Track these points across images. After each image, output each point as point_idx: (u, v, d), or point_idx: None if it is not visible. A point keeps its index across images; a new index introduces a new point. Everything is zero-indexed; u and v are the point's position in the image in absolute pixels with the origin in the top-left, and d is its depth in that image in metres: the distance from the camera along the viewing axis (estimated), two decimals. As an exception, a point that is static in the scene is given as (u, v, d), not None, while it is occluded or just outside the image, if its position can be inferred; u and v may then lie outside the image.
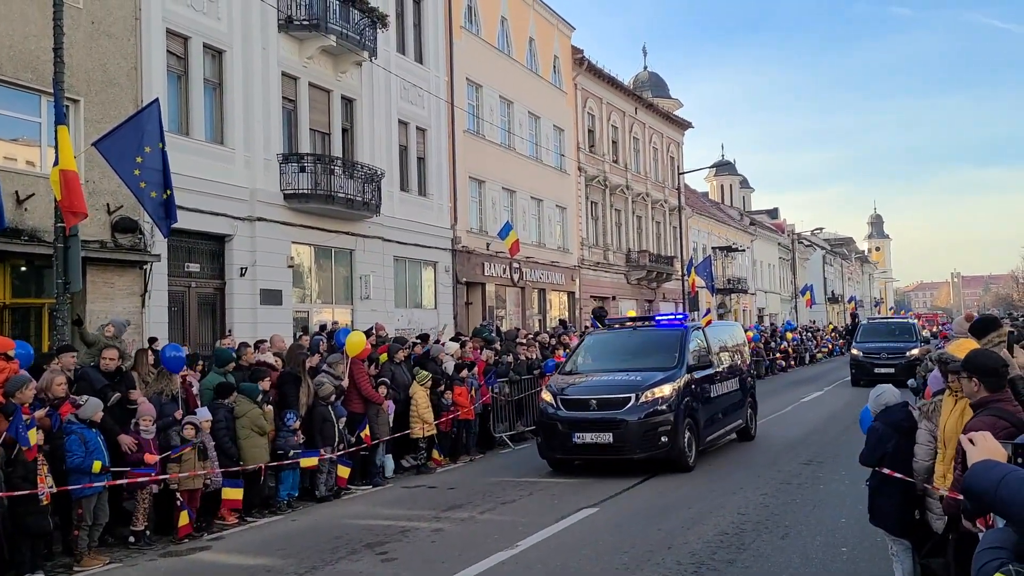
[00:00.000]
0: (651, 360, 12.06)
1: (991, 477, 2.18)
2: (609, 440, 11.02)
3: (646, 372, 11.62)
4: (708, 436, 12.28)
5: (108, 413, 8.51)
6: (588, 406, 11.33)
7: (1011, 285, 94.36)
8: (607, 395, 11.36)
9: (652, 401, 11.13)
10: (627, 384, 11.42)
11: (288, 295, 18.47)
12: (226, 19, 17.47)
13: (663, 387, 11.30)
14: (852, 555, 7.25)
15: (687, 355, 12.01)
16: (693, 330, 13.01)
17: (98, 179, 14.00)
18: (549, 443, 11.59)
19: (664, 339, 12.75)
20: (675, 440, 11.08)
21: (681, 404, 11.36)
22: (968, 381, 4.25)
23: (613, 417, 11.04)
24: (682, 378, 11.62)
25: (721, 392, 13.00)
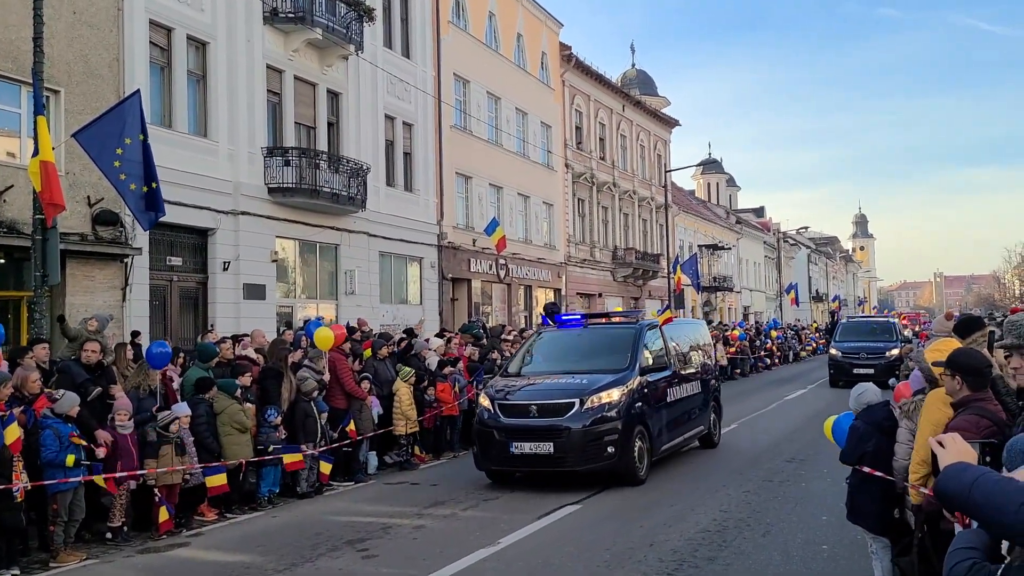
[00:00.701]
0: (601, 361, 11.11)
1: (964, 480, 2.16)
2: (550, 450, 9.99)
3: (594, 375, 10.63)
4: (663, 445, 11.24)
5: (88, 408, 8.42)
6: (528, 412, 10.27)
7: (993, 285, 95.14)
8: (549, 400, 10.31)
9: (598, 407, 10.12)
10: (571, 388, 10.42)
11: (272, 290, 18.36)
12: (210, 10, 17.32)
13: (611, 391, 10.28)
14: (832, 552, 7.26)
15: (640, 356, 11.03)
16: (648, 329, 11.87)
17: (79, 171, 13.85)
18: (485, 453, 10.53)
19: (616, 338, 11.76)
20: (624, 450, 10.07)
21: (632, 410, 10.36)
22: (951, 379, 4.24)
23: (554, 425, 10.02)
24: (633, 381, 10.60)
25: (680, 396, 11.98)
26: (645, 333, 11.58)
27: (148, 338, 14.13)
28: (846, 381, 21.61)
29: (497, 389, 10.96)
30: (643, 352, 11.18)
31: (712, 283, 49.00)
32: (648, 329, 11.81)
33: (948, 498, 2.19)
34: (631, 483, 10.16)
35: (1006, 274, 79.04)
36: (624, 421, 10.15)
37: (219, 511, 9.63)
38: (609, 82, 39.26)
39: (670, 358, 11.95)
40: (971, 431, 3.91)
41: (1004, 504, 2.05)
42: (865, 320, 30.12)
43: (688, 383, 12.45)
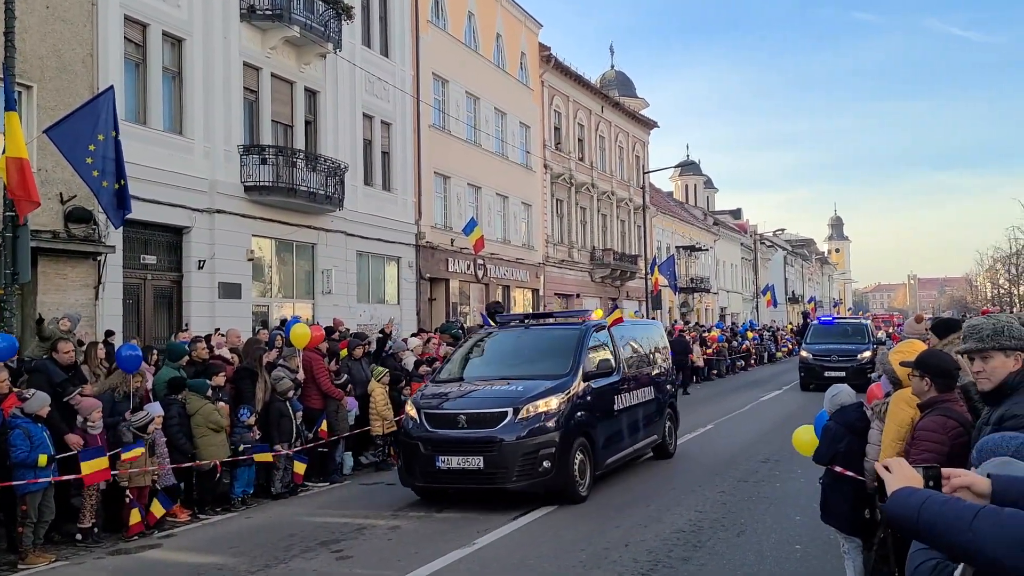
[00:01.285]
0: (541, 366, 10.28)
1: (912, 504, 2.16)
2: (479, 465, 9.08)
3: (531, 381, 9.73)
4: (610, 457, 10.39)
5: (60, 408, 8.31)
6: (456, 423, 9.35)
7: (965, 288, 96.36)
8: (479, 409, 9.40)
9: (534, 417, 9.21)
10: (505, 396, 9.49)
11: (248, 289, 18.23)
12: (186, 7, 17.16)
13: (549, 399, 9.35)
14: (805, 552, 7.31)
15: (583, 360, 10.12)
16: (594, 330, 10.96)
17: (51, 168, 13.67)
18: (409, 468, 9.58)
19: (558, 341, 10.84)
20: (562, 464, 9.17)
21: (572, 419, 9.46)
22: (919, 380, 4.27)
23: (485, 436, 9.13)
24: (574, 388, 9.71)
25: (629, 403, 11.07)
26: (590, 335, 10.71)
27: (121, 338, 14.00)
28: (817, 384, 21.43)
29: (425, 397, 10.07)
30: (587, 356, 10.29)
31: (689, 284, 49.27)
32: (594, 331, 10.93)
33: (899, 523, 2.19)
34: (570, 500, 9.25)
35: (978, 276, 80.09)
36: (563, 432, 9.25)
37: (192, 512, 9.55)
38: (588, 83, 39.37)
39: (618, 362, 11.03)
40: (938, 432, 3.95)
41: (956, 525, 2.05)
42: (837, 322, 29.26)
43: (639, 389, 11.52)
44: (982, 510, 2.06)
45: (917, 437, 4.08)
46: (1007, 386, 3.42)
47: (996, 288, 64.48)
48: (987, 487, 2.30)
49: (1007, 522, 2.01)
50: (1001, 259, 60.40)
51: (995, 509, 2.06)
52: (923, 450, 3.97)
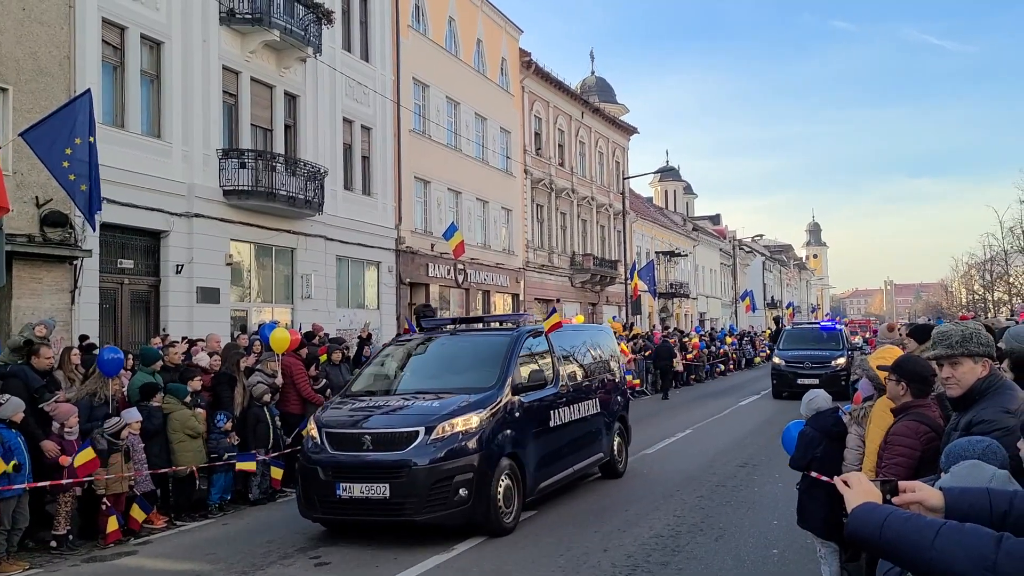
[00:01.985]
0: (464, 378, 9.19)
1: (873, 520, 2.17)
2: (385, 494, 7.84)
3: (452, 395, 8.66)
4: (543, 481, 9.26)
5: (35, 414, 8.23)
6: (360, 444, 8.17)
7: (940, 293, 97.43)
8: (387, 428, 8.26)
9: (450, 437, 8.04)
10: (418, 413, 8.39)
11: (226, 293, 18.12)
12: (165, 10, 17.07)
13: (469, 416, 8.23)
14: (783, 556, 7.38)
15: (512, 370, 9.03)
16: (529, 336, 9.93)
17: (27, 171, 13.54)
18: (307, 496, 8.31)
19: (485, 349, 9.77)
20: (482, 492, 8.01)
21: (496, 439, 8.36)
22: (896, 384, 4.33)
23: (392, 460, 7.94)
24: (500, 402, 8.61)
25: (569, 418, 9.96)
26: (523, 342, 9.66)
27: (98, 342, 13.87)
28: (790, 392, 21.04)
29: (329, 413, 8.87)
30: (517, 365, 9.22)
31: (669, 289, 49.49)
32: (529, 337, 9.91)
33: (861, 540, 2.19)
34: (492, 533, 8.17)
35: (953, 282, 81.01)
36: (485, 454, 8.13)
37: (168, 518, 9.48)
38: (568, 89, 39.51)
39: (557, 372, 9.98)
40: (910, 437, 4.01)
41: (918, 543, 2.06)
42: (811, 327, 27.81)
43: (581, 401, 10.44)
44: (943, 527, 2.08)
45: (890, 442, 4.14)
46: (975, 392, 3.49)
47: (971, 294, 65.26)
48: (939, 501, 2.34)
49: (968, 538, 2.03)
50: (976, 265, 61.15)
51: (956, 526, 2.08)
52: (896, 454, 4.04)
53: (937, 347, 3.58)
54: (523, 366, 9.37)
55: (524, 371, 9.27)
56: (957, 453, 2.99)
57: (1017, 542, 2.00)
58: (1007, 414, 3.36)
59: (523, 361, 9.46)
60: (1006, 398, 3.47)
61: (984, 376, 3.49)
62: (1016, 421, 3.07)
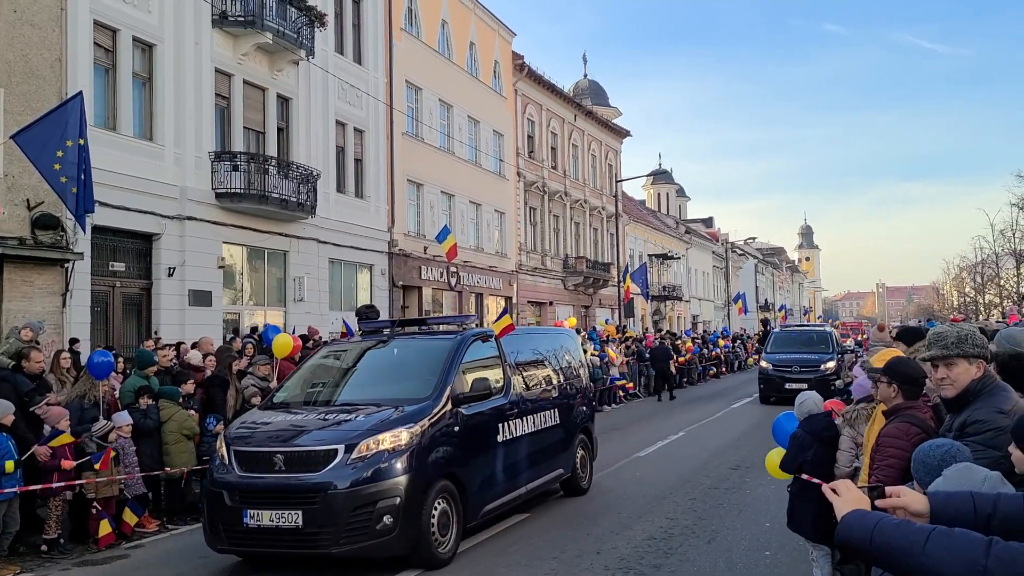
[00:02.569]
0: (398, 387, 8.26)
1: (864, 527, 2.18)
2: (297, 523, 6.86)
3: (381, 408, 7.65)
4: (488, 503, 8.27)
5: (25, 417, 8.19)
6: (272, 464, 7.13)
7: (932, 296, 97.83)
8: (301, 447, 7.23)
9: (373, 456, 7.04)
10: (339, 428, 7.37)
11: (219, 296, 18.07)
12: (157, 12, 17.03)
13: (397, 432, 7.22)
14: (775, 559, 7.40)
15: (452, 378, 8.05)
16: (477, 340, 8.97)
17: (18, 173, 13.49)
18: (212, 523, 7.33)
19: (425, 355, 8.78)
20: (410, 519, 7.04)
21: (430, 457, 7.40)
22: (887, 386, 4.34)
23: (305, 483, 6.96)
24: (436, 415, 7.64)
25: (522, 431, 9.05)
26: (468, 347, 8.67)
27: (89, 345, 13.82)
28: (778, 397, 20.68)
29: (241, 429, 7.85)
30: (459, 374, 8.23)
31: (662, 292, 49.55)
32: (476, 341, 8.96)
33: (851, 546, 2.20)
34: (425, 565, 7.28)
35: (945, 285, 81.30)
36: (414, 475, 7.13)
37: (160, 522, 9.44)
38: (561, 92, 39.57)
39: (508, 380, 9.03)
40: (901, 439, 4.03)
41: (909, 549, 2.07)
42: (799, 329, 27.00)
43: (538, 413, 9.50)
44: (933, 533, 2.08)
45: (881, 444, 4.15)
46: (969, 392, 3.51)
47: (962, 296, 65.52)
48: (924, 506, 2.35)
49: (958, 543, 2.04)
50: (967, 268, 61.40)
51: (946, 531, 2.09)
52: (887, 456, 4.05)
53: (932, 348, 3.60)
54: (467, 374, 8.35)
55: (468, 379, 8.26)
56: (920, 460, 3.03)
57: (1006, 546, 2.01)
58: (1001, 414, 3.39)
59: (468, 368, 8.46)
60: (1000, 399, 3.50)
61: (979, 377, 3.52)
62: (1009, 422, 3.09)
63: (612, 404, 22.52)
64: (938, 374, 3.59)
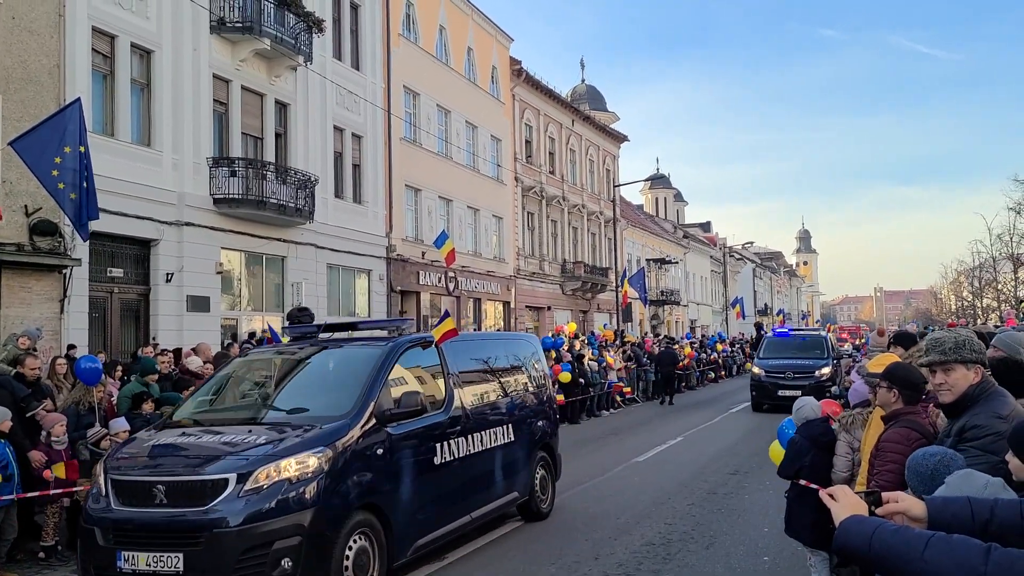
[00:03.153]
0: (315, 402, 7.17)
1: (862, 533, 2.18)
2: (178, 568, 5.78)
3: (290, 427, 6.57)
4: (424, 535, 7.19)
5: (23, 424, 8.18)
6: (152, 497, 6.02)
7: (930, 300, 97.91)
8: (186, 476, 6.10)
9: (272, 486, 5.94)
10: (234, 452, 6.20)
11: (217, 302, 18.07)
12: (155, 18, 17.06)
13: (303, 457, 6.12)
14: (774, 564, 7.39)
15: (377, 393, 6.92)
16: (413, 347, 7.87)
17: (16, 179, 13.50)
18: (84, 566, 6.27)
19: (348, 366, 7.66)
20: (316, 561, 5.98)
21: (345, 486, 6.31)
22: (887, 391, 4.34)
23: (188, 520, 5.87)
24: (354, 435, 6.51)
25: (467, 451, 7.96)
26: (400, 356, 7.55)
27: (88, 351, 13.80)
28: (771, 404, 20.29)
29: (125, 453, 6.69)
30: (387, 387, 7.11)
31: (660, 297, 49.57)
32: (410, 349, 7.83)
33: (850, 553, 2.20)
34: None
35: (943, 289, 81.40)
36: (323, 507, 6.07)
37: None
38: (559, 97, 39.62)
39: (450, 393, 8.00)
40: (901, 444, 4.03)
41: (908, 555, 2.07)
42: (793, 334, 25.73)
43: (487, 430, 8.44)
44: (932, 538, 2.09)
45: (881, 449, 4.15)
46: (968, 398, 3.52)
47: (960, 300, 65.60)
48: (922, 511, 2.35)
49: (957, 550, 2.04)
50: (965, 272, 61.48)
51: (944, 537, 2.09)
52: (887, 461, 4.05)
53: (930, 354, 3.61)
54: (398, 387, 7.29)
55: (396, 393, 7.17)
56: (913, 467, 3.04)
57: (1005, 552, 2.01)
58: (999, 419, 3.39)
59: (399, 380, 7.42)
60: (998, 404, 3.50)
61: (977, 382, 3.52)
62: (1008, 427, 3.09)
63: (610, 409, 22.51)
64: (936, 379, 3.60)
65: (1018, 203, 43.79)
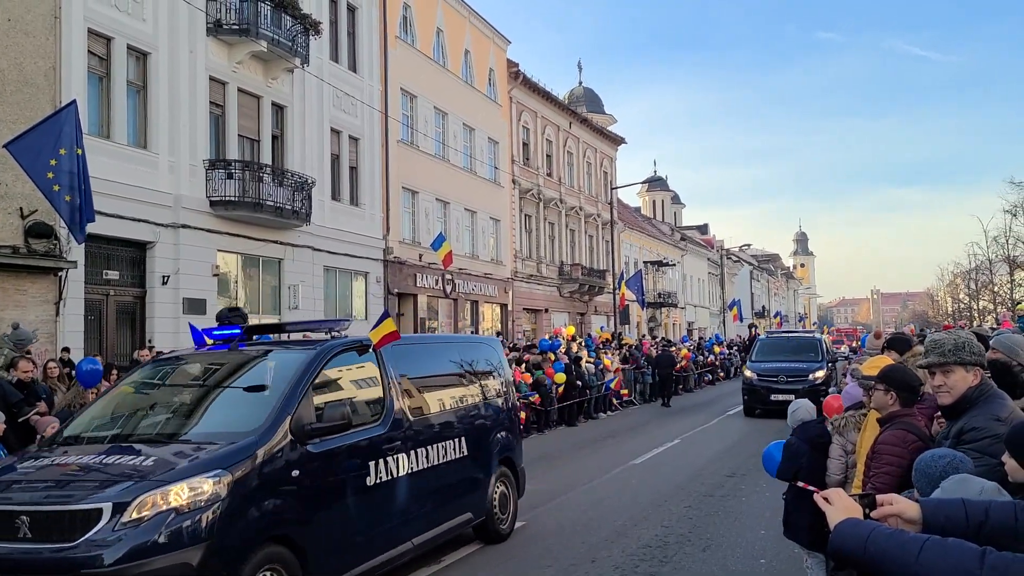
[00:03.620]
0: (224, 416, 6.24)
1: (857, 536, 2.17)
2: None
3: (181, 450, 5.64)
4: (349, 570, 6.25)
5: (14, 428, 8.13)
6: (14, 529, 5.01)
7: (926, 302, 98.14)
8: (53, 505, 5.09)
9: (154, 518, 4.95)
10: (112, 477, 5.26)
11: (213, 304, 18.01)
12: (151, 20, 17.04)
13: (196, 482, 5.16)
14: (770, 566, 7.37)
15: (295, 404, 5.98)
16: (339, 354, 6.85)
17: (11, 182, 13.47)
18: None
19: (268, 374, 6.58)
20: None
21: (247, 517, 5.36)
22: (884, 394, 4.33)
23: (51, 558, 4.89)
24: (263, 456, 5.58)
25: (409, 469, 7.03)
26: (326, 362, 6.59)
27: (82, 354, 13.77)
28: (763, 410, 19.87)
29: None
30: (307, 398, 6.15)
31: (657, 299, 49.58)
32: (342, 354, 6.90)
33: (845, 556, 2.20)
34: None
35: (939, 291, 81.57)
36: (217, 543, 5.11)
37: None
38: (556, 99, 39.65)
39: (390, 403, 7.05)
40: (899, 446, 4.01)
41: (903, 559, 2.07)
42: (786, 337, 25.02)
43: (434, 444, 7.52)
44: (927, 542, 2.08)
45: (878, 451, 4.13)
46: (966, 400, 3.51)
47: (956, 303, 65.73)
48: (917, 513, 2.34)
49: (952, 553, 2.03)
50: (961, 274, 61.61)
51: (939, 541, 2.09)
52: (884, 463, 4.03)
53: (930, 355, 3.60)
54: (324, 397, 6.40)
55: (319, 404, 6.26)
56: (921, 469, 3.03)
57: (1000, 556, 2.00)
58: (997, 422, 3.39)
59: (327, 389, 6.55)
60: (996, 406, 3.50)
61: (975, 385, 3.52)
62: (1006, 429, 3.08)
63: (607, 411, 22.50)
64: (935, 381, 3.59)
65: (1014, 205, 43.89)
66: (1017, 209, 43.76)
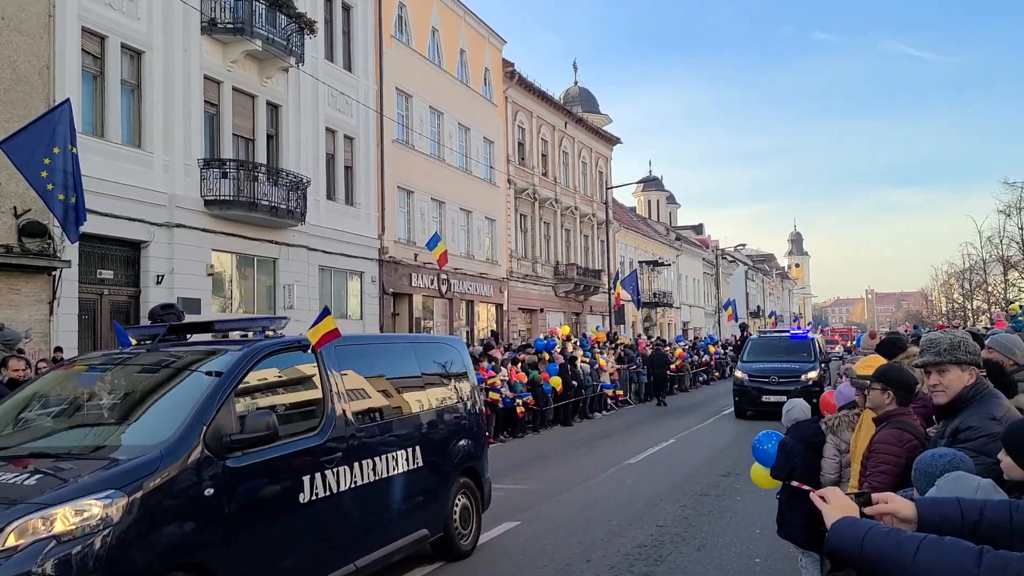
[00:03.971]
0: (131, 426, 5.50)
1: (854, 535, 2.17)
2: None
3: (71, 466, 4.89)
4: None
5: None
6: None
7: (921, 302, 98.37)
8: None
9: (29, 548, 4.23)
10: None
11: (208, 304, 18.00)
12: (146, 19, 16.99)
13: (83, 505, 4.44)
14: (765, 566, 7.38)
15: (212, 413, 5.27)
16: (271, 355, 6.17)
17: (5, 181, 13.42)
18: None
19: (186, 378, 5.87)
20: None
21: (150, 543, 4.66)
22: (881, 393, 4.33)
23: None
24: (169, 472, 4.86)
25: (349, 484, 6.30)
26: (252, 365, 5.86)
27: (75, 354, 13.72)
28: (755, 411, 19.62)
29: None
30: (228, 405, 5.43)
31: (652, 299, 49.62)
32: (275, 355, 6.24)
33: (842, 555, 2.19)
34: None
35: (933, 291, 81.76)
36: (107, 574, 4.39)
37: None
38: (551, 99, 39.65)
39: (330, 410, 6.31)
40: (895, 445, 4.02)
41: (899, 558, 2.07)
42: (778, 337, 24.23)
43: (383, 454, 6.79)
44: (924, 541, 2.08)
45: (874, 450, 4.14)
46: (962, 399, 3.52)
47: (951, 303, 65.88)
48: (912, 512, 2.34)
49: (949, 552, 2.03)
50: (955, 274, 61.77)
51: (936, 540, 2.09)
52: (880, 462, 4.04)
53: (925, 354, 3.60)
54: (251, 404, 5.72)
55: (243, 412, 5.54)
56: (922, 469, 3.03)
57: (997, 555, 1.99)
58: (993, 421, 3.39)
59: (254, 395, 5.87)
60: (992, 405, 3.50)
61: (971, 384, 3.52)
62: (1001, 428, 3.08)
63: (602, 411, 22.50)
64: (930, 380, 3.59)
65: (1008, 206, 44.03)
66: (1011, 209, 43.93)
